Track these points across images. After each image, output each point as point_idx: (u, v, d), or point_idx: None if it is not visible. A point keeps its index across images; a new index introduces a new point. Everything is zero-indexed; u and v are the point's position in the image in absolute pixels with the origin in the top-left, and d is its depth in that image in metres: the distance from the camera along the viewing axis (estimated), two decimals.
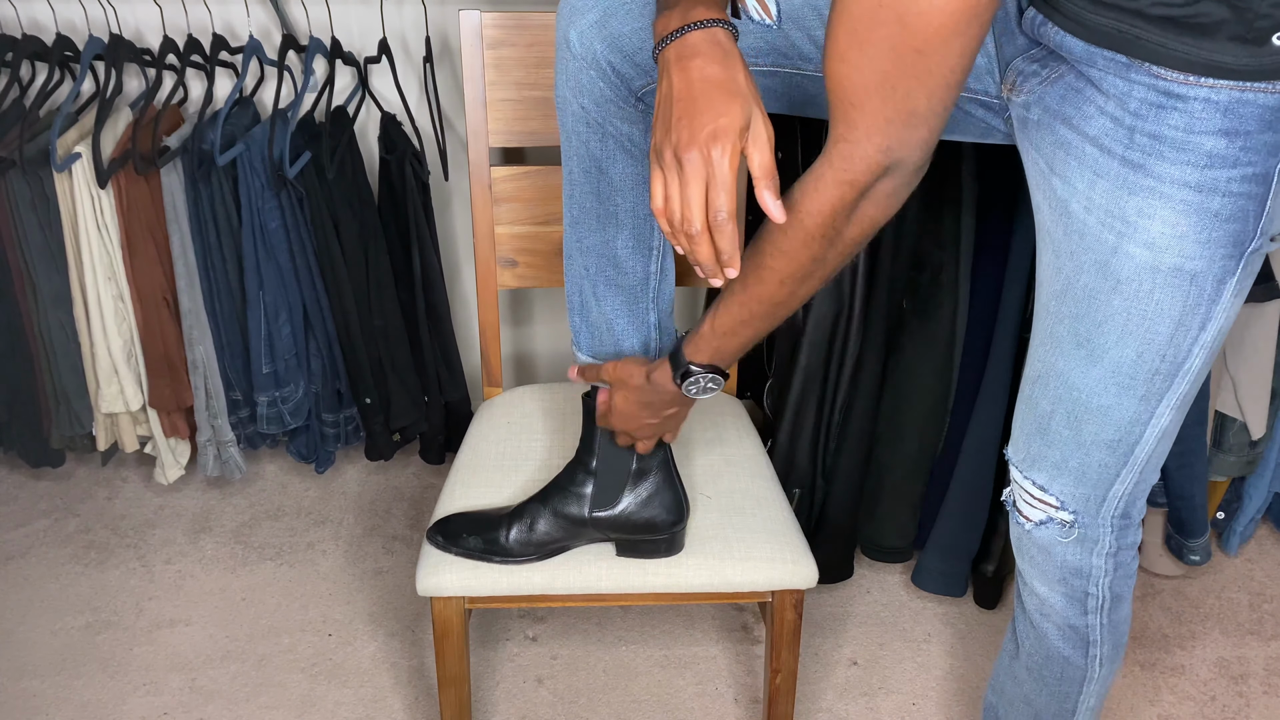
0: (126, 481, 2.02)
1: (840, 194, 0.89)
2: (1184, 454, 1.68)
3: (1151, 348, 0.94)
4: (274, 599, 1.75)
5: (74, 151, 1.65)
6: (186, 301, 1.76)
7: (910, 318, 1.57)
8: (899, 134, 0.85)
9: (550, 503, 1.22)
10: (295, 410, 1.84)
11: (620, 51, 1.04)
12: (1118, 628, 1.14)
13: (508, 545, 1.22)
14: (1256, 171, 0.86)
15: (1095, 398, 0.98)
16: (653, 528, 1.22)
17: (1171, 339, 0.93)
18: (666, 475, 1.22)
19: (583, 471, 1.22)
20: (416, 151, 1.76)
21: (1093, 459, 1.02)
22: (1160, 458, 1.03)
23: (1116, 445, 1.00)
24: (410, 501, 1.98)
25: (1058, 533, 1.08)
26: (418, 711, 1.54)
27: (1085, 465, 1.02)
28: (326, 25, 1.76)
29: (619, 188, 1.13)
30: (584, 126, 1.10)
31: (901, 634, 1.69)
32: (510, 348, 2.08)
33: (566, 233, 1.19)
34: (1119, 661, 1.18)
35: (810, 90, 1.07)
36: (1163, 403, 0.98)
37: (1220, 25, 0.81)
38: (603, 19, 1.04)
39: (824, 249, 0.94)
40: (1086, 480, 1.03)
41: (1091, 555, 1.08)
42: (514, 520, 1.23)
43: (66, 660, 1.63)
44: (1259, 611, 1.75)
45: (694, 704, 1.56)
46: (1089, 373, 0.97)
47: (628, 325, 1.20)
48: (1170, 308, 0.92)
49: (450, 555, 1.24)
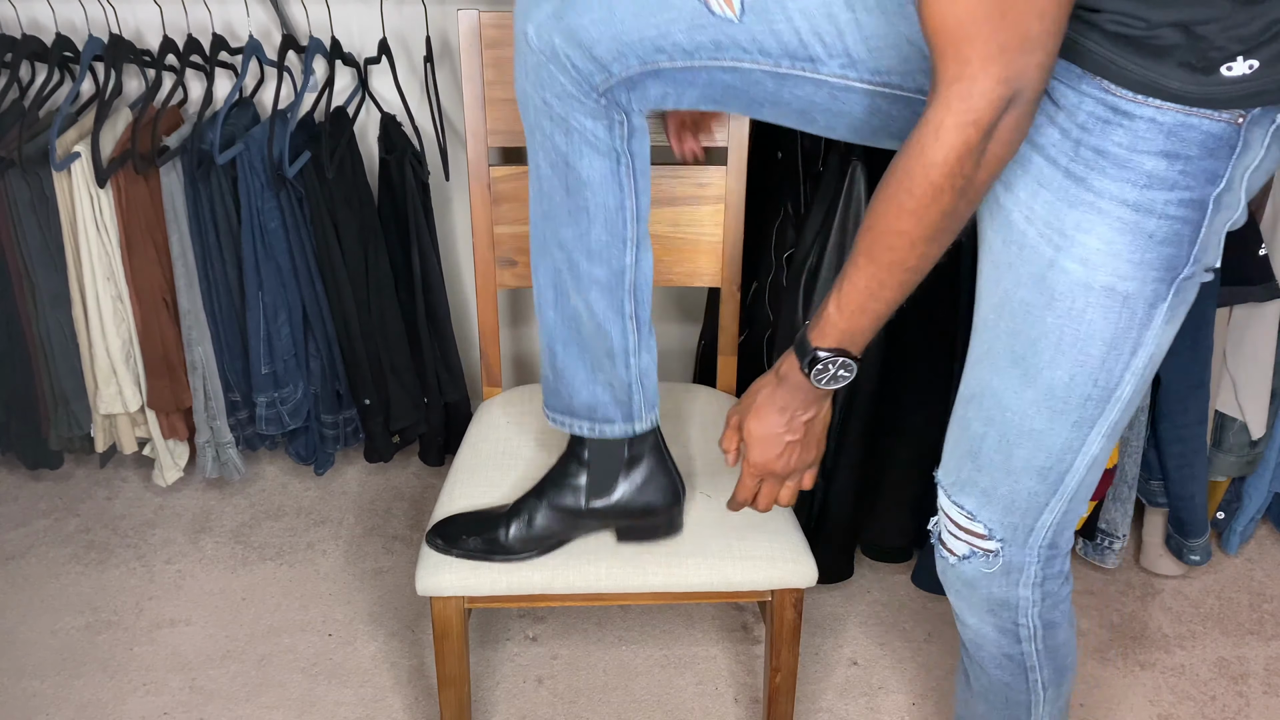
0: (126, 482, 2.02)
1: (965, 137, 0.84)
2: (1184, 454, 1.68)
3: (1084, 370, 0.94)
4: (274, 599, 1.75)
5: (73, 151, 1.65)
6: (185, 302, 1.76)
7: (910, 318, 1.56)
8: (1016, 61, 0.81)
9: (546, 496, 1.23)
10: (294, 411, 1.84)
11: (579, 44, 1.03)
12: (1057, 653, 1.13)
13: (508, 543, 1.22)
14: (1194, 197, 0.87)
15: (1028, 421, 0.98)
16: (650, 511, 1.23)
17: (1103, 362, 0.93)
18: (659, 459, 1.23)
19: (575, 463, 1.22)
20: (416, 151, 1.76)
21: (1022, 486, 1.01)
22: (1089, 488, 1.03)
23: (1047, 473, 1.00)
24: (410, 502, 1.98)
25: (982, 565, 1.07)
26: (418, 711, 1.54)
27: (1015, 493, 1.02)
28: (326, 25, 1.76)
29: (587, 182, 1.11)
30: (547, 121, 1.08)
31: (901, 634, 1.69)
32: (510, 348, 2.08)
33: (536, 227, 1.17)
34: (1067, 684, 1.18)
35: (769, 87, 1.05)
36: (1094, 430, 0.98)
37: (1173, 50, 0.82)
38: (559, 10, 1.03)
39: (954, 200, 0.88)
40: (1015, 509, 1.03)
41: (1018, 587, 1.07)
42: (512, 518, 1.23)
43: (66, 660, 1.63)
44: (1259, 611, 1.75)
45: (694, 704, 1.56)
46: (1023, 394, 0.97)
47: (613, 323, 1.18)
48: (1102, 329, 0.92)
49: (450, 557, 1.24)
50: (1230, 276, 1.60)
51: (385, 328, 1.80)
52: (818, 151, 1.59)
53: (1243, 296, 1.61)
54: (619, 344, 1.19)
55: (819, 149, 1.59)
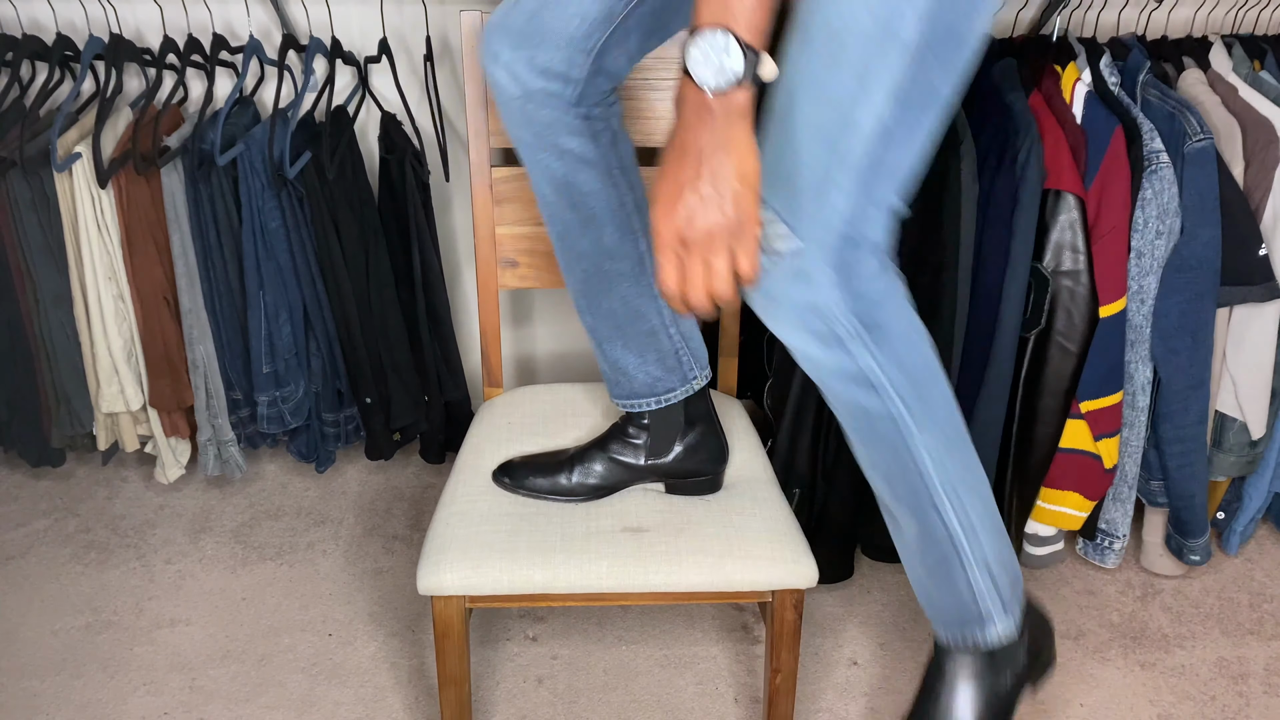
0: (127, 481, 2.02)
1: None
2: (1184, 454, 1.68)
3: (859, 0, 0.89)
4: (274, 599, 1.75)
5: (74, 151, 1.65)
6: (187, 301, 1.76)
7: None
8: None
9: (609, 449, 1.33)
10: (295, 410, 1.84)
11: (548, 74, 1.12)
12: (908, 369, 1.05)
13: (570, 487, 1.32)
14: None
15: (808, 71, 0.92)
16: (699, 471, 1.33)
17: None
18: (710, 424, 1.34)
19: (636, 425, 1.33)
20: (417, 151, 1.76)
21: (805, 153, 0.94)
22: (890, 175, 0.96)
23: (828, 134, 0.92)
24: (410, 501, 1.98)
25: (780, 272, 0.98)
26: (418, 711, 1.54)
27: (798, 164, 0.94)
28: (326, 25, 1.76)
29: (588, 193, 1.20)
30: (540, 152, 1.18)
31: (901, 634, 1.69)
32: (511, 348, 2.08)
33: (557, 249, 1.27)
34: (936, 414, 1.09)
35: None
36: (876, 81, 0.90)
37: None
38: (520, 46, 1.11)
39: None
40: (801, 186, 0.94)
41: (821, 288, 0.98)
42: (575, 464, 1.32)
43: (66, 660, 1.63)
44: (1259, 611, 1.75)
45: (694, 704, 1.56)
46: (805, 49, 0.92)
47: (646, 305, 1.27)
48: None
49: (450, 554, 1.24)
50: (1230, 276, 1.60)
51: (386, 326, 1.80)
52: None
53: (1243, 296, 1.61)
54: (656, 321, 1.28)
55: None
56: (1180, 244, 1.57)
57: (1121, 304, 1.56)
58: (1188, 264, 1.57)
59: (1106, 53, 1.63)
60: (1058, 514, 1.69)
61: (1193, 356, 1.62)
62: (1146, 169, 1.53)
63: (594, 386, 1.55)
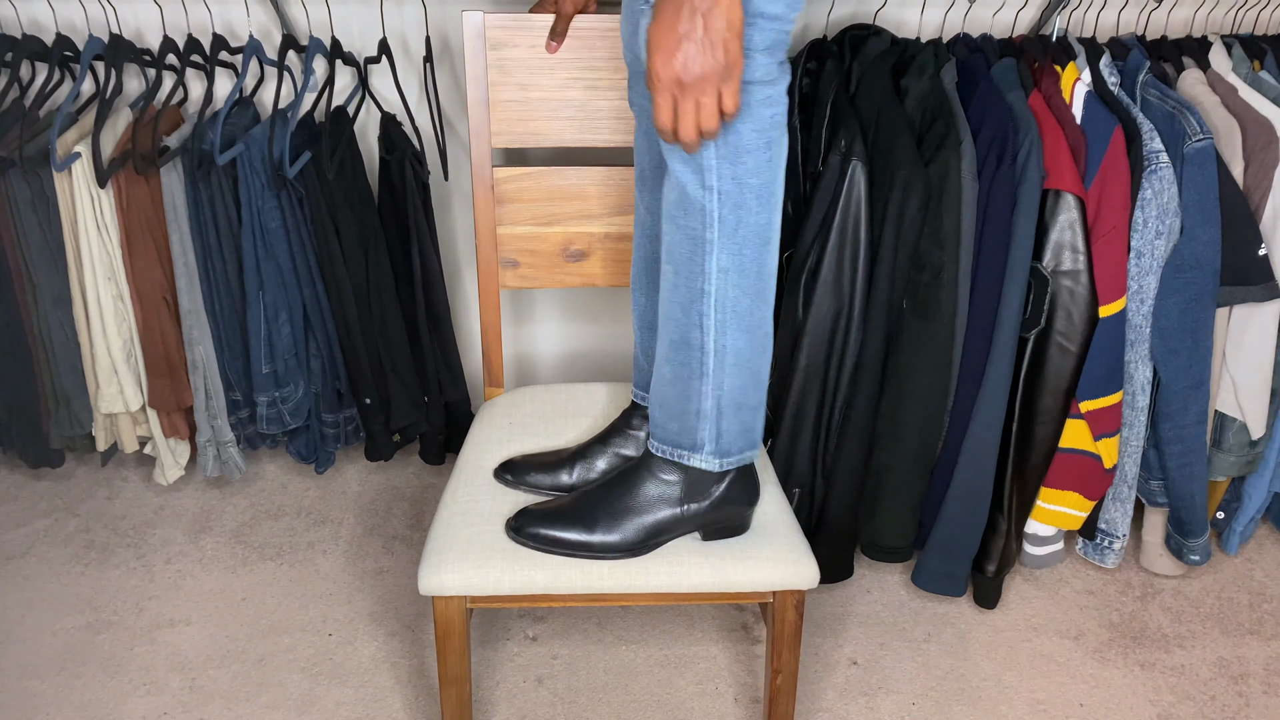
0: (126, 481, 2.02)
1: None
2: (1184, 454, 1.68)
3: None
4: (274, 599, 1.75)
5: (74, 151, 1.65)
6: (186, 301, 1.76)
7: (910, 318, 1.57)
8: None
9: (610, 444, 1.34)
10: (295, 410, 1.84)
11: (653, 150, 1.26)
12: (741, 186, 1.10)
13: (571, 482, 1.33)
14: None
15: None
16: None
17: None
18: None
19: (638, 417, 1.34)
20: (416, 151, 1.76)
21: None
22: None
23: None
24: (410, 501, 1.98)
25: None
26: (418, 711, 1.54)
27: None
28: (326, 25, 1.76)
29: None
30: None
31: (901, 634, 1.69)
32: (511, 348, 2.08)
33: (638, 225, 1.32)
34: (744, 247, 1.13)
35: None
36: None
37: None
38: None
39: None
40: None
41: None
42: (576, 460, 1.33)
43: (66, 660, 1.63)
44: (1259, 611, 1.75)
45: (694, 704, 1.56)
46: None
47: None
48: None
49: (452, 554, 1.24)
50: (1230, 276, 1.60)
51: (386, 327, 1.80)
52: (817, 151, 1.59)
53: (1243, 296, 1.61)
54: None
55: (819, 148, 1.59)
56: (1180, 244, 1.57)
57: (1121, 304, 1.56)
58: (1187, 264, 1.57)
59: (1106, 53, 1.63)
60: (1057, 514, 1.69)
61: (1192, 356, 1.62)
62: (1146, 169, 1.53)
63: (594, 386, 1.56)
